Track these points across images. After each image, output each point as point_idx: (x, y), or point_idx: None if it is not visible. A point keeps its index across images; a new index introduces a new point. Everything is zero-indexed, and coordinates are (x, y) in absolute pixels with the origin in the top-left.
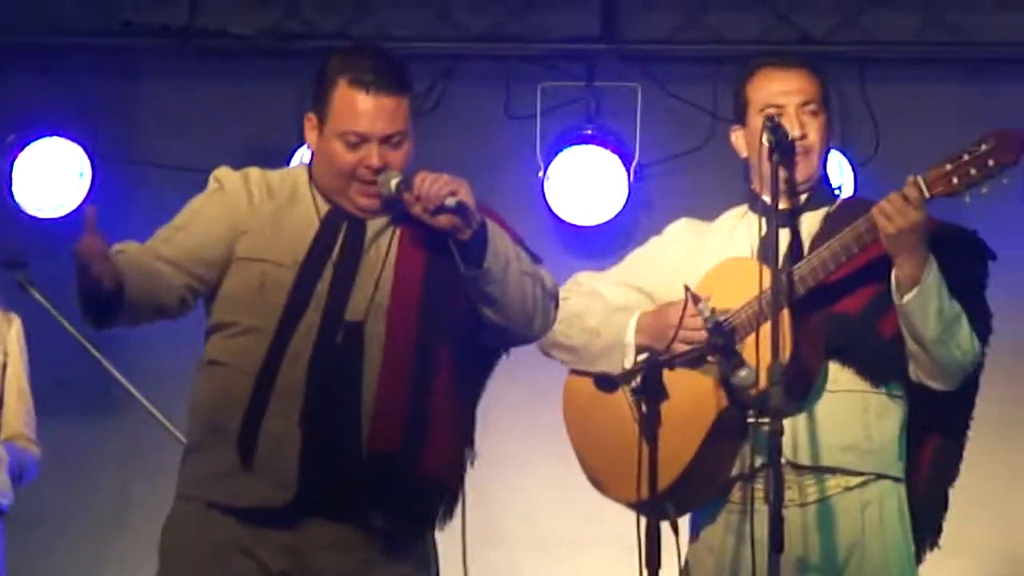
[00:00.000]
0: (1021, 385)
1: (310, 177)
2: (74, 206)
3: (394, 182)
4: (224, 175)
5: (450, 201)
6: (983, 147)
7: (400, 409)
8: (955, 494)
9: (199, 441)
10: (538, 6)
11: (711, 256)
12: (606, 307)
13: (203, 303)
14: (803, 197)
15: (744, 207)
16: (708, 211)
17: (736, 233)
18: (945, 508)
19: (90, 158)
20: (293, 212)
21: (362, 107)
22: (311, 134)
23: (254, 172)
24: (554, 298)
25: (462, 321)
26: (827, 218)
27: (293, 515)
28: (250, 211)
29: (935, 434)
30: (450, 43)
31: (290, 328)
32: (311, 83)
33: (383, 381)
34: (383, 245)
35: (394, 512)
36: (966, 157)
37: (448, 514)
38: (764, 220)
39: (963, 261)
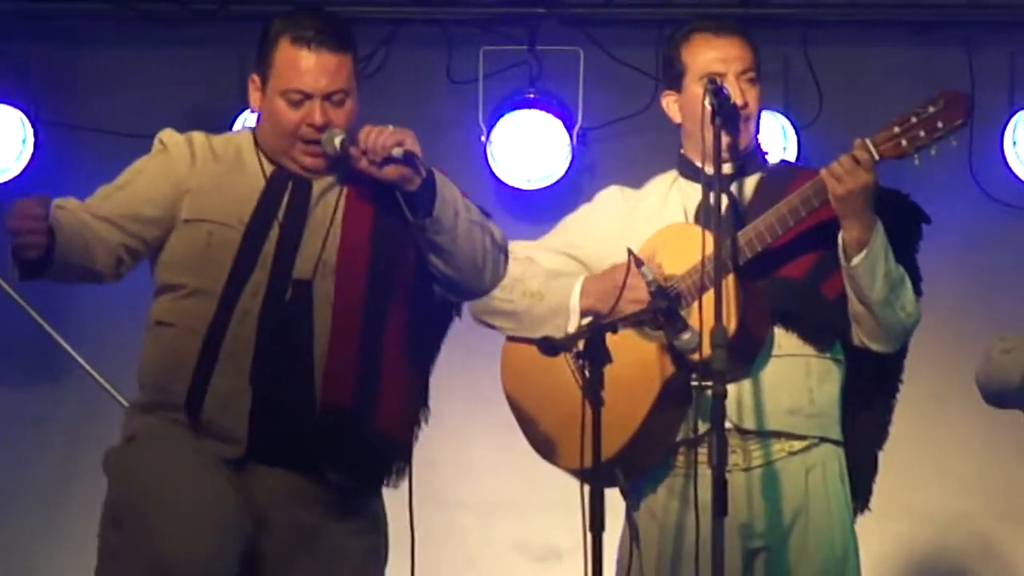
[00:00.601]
0: (955, 349)
1: (255, 140)
2: (17, 172)
3: (338, 139)
4: (168, 137)
5: (397, 151)
6: (931, 109)
7: (351, 364)
8: (893, 458)
9: (147, 402)
10: None
11: (644, 222)
12: (546, 272)
13: (148, 266)
14: (735, 164)
15: (673, 173)
16: (651, 175)
17: (669, 199)
18: (875, 471)
19: (32, 124)
20: (238, 173)
21: (304, 64)
22: (255, 95)
23: (198, 135)
24: (503, 250)
25: (412, 277)
26: (760, 184)
27: (248, 464)
28: (193, 172)
29: (867, 398)
30: (391, 7)
31: (238, 287)
32: (254, 47)
33: (334, 337)
34: (330, 204)
35: (347, 467)
36: (914, 119)
37: (400, 472)
38: (701, 186)
39: (897, 224)
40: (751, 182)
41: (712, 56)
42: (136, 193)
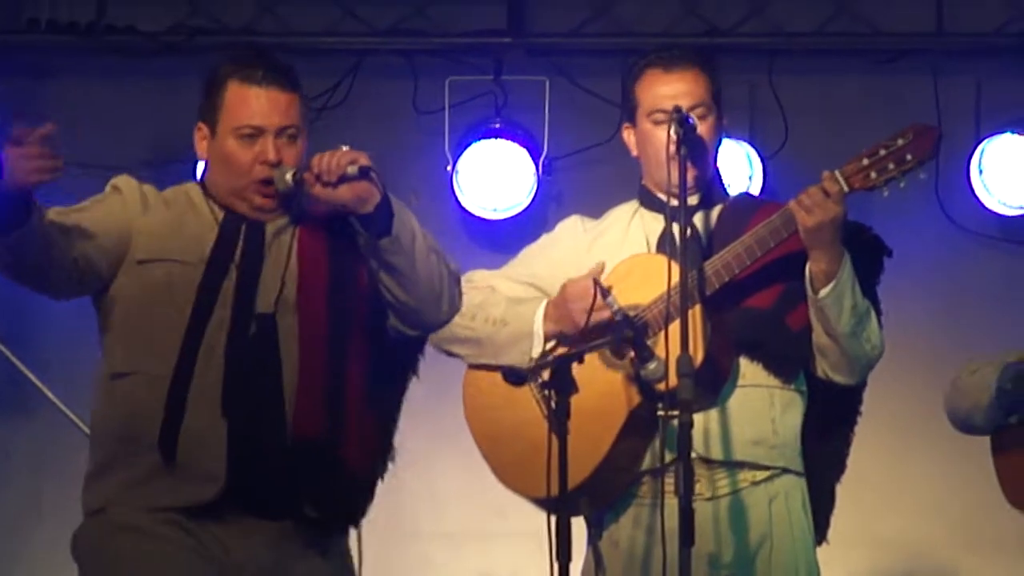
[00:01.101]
0: (922, 378)
1: (204, 190)
2: None
3: (289, 174)
4: (122, 181)
5: (351, 169)
6: (900, 141)
7: (320, 396)
8: (859, 486)
9: (109, 457)
10: (443, 0)
11: (606, 252)
12: (507, 299)
13: (96, 313)
14: (697, 196)
15: (634, 203)
16: (618, 204)
17: (631, 229)
18: (833, 504)
19: None
20: (191, 217)
21: (254, 100)
22: (202, 144)
23: (148, 187)
24: (458, 281)
25: (369, 312)
26: (722, 215)
27: (221, 510)
28: (147, 215)
29: (826, 430)
30: (356, 38)
31: (202, 323)
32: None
33: (302, 370)
34: (284, 244)
35: (324, 503)
36: (883, 151)
37: (366, 510)
38: (664, 216)
39: (859, 257)
40: (713, 213)
41: (660, 92)
42: (93, 219)
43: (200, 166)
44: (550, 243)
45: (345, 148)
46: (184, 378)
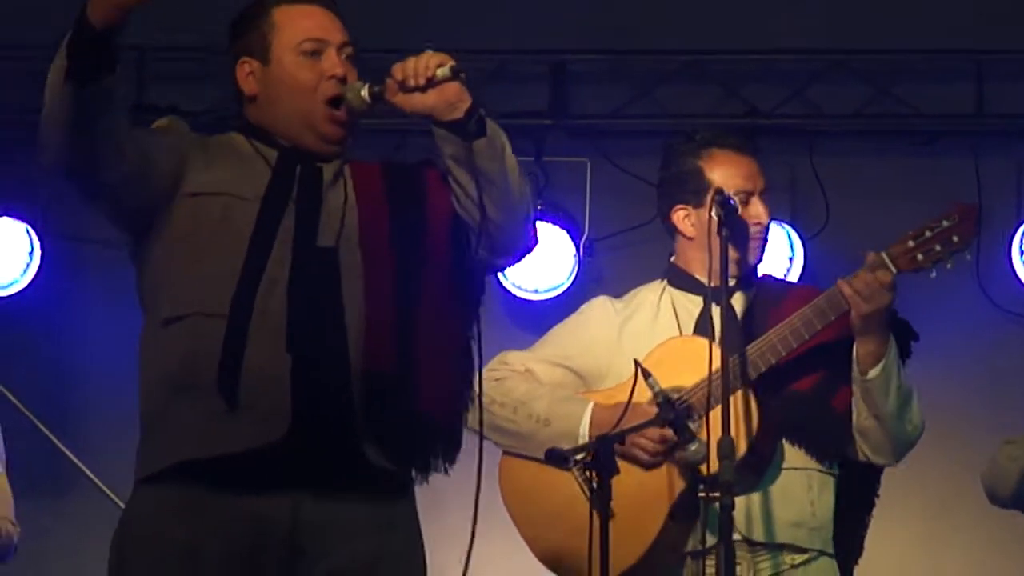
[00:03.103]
0: (959, 457)
1: (249, 133)
2: (24, 285)
3: (365, 90)
4: (172, 120)
5: (441, 72)
6: (945, 223)
7: (389, 329)
8: (895, 565)
9: (160, 409)
10: (485, 81)
11: (637, 333)
12: (550, 392)
13: (137, 266)
14: (736, 278)
15: (660, 283)
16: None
17: (661, 309)
18: None
19: (39, 237)
20: (238, 160)
21: (311, 16)
22: (248, 80)
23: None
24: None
25: (449, 241)
26: (755, 298)
27: (286, 474)
28: (198, 148)
29: (850, 512)
30: (399, 119)
31: (262, 258)
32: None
33: (368, 303)
34: (340, 185)
35: (390, 443)
36: (928, 233)
37: (447, 458)
38: (699, 297)
39: None
40: (746, 296)
41: (741, 174)
42: (153, 136)
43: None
44: (580, 324)
45: (430, 51)
46: (244, 316)
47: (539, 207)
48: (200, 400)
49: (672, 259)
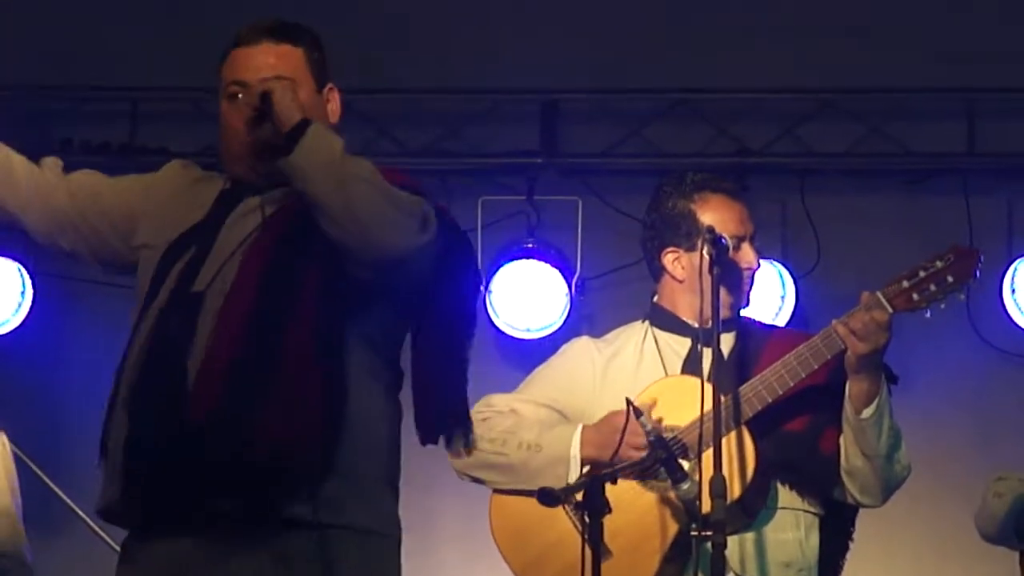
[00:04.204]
0: (950, 494)
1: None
2: (16, 324)
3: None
4: (170, 165)
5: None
6: (939, 263)
7: (220, 374)
8: None
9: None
10: (476, 121)
11: (621, 374)
12: (538, 423)
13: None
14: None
15: (643, 324)
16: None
17: (644, 350)
18: None
19: (31, 276)
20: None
21: (240, 57)
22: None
23: (190, 169)
24: (415, 216)
25: (312, 281)
26: (738, 339)
27: (157, 522)
28: (164, 194)
29: (828, 554)
30: (390, 158)
31: (148, 307)
32: None
33: (209, 346)
34: (251, 221)
35: (227, 486)
36: (922, 273)
37: (312, 496)
38: (684, 338)
39: None
40: (732, 338)
41: (731, 218)
42: (114, 187)
43: None
44: (563, 365)
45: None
46: (120, 371)
47: (530, 245)
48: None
49: (655, 300)
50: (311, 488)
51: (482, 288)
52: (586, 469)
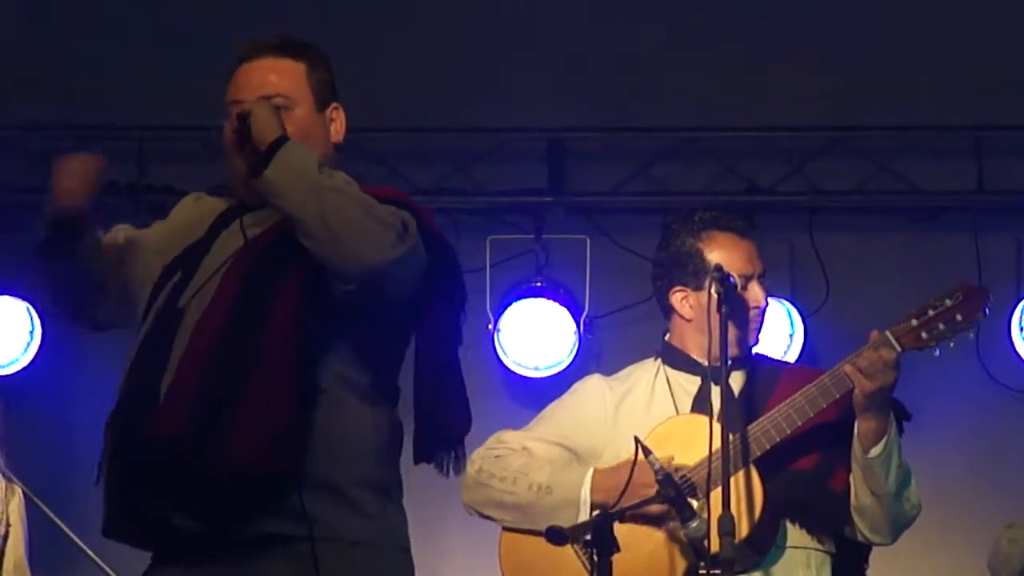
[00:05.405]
0: (962, 534)
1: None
2: (25, 363)
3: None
4: (186, 197)
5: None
6: (948, 302)
7: (188, 391)
8: None
9: None
10: (484, 159)
11: (633, 412)
12: (549, 464)
13: None
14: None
15: (655, 362)
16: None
17: (656, 388)
18: None
19: (39, 315)
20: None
21: (239, 74)
22: None
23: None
24: (392, 227)
25: (290, 297)
26: (748, 377)
27: (156, 548)
28: (181, 224)
29: None
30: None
31: (137, 332)
32: None
33: (179, 364)
34: (236, 238)
35: (196, 507)
36: (931, 312)
37: (280, 509)
38: (695, 376)
39: None
40: (743, 376)
41: (740, 256)
42: (147, 239)
43: None
44: (575, 403)
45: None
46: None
47: (538, 284)
48: None
49: (666, 338)
50: (282, 503)
51: (490, 327)
52: (595, 513)
